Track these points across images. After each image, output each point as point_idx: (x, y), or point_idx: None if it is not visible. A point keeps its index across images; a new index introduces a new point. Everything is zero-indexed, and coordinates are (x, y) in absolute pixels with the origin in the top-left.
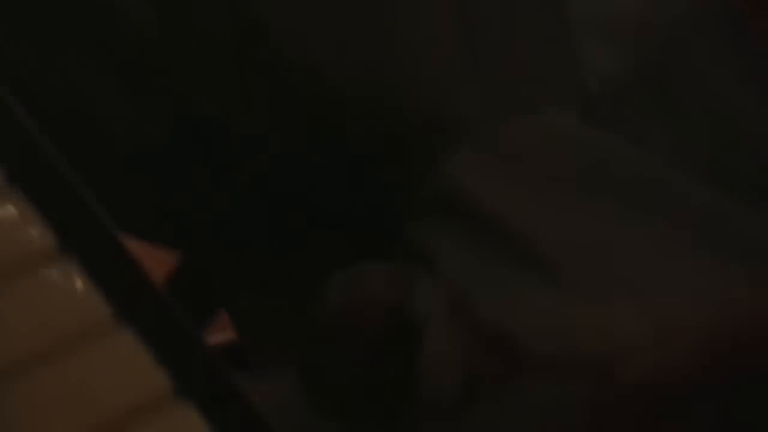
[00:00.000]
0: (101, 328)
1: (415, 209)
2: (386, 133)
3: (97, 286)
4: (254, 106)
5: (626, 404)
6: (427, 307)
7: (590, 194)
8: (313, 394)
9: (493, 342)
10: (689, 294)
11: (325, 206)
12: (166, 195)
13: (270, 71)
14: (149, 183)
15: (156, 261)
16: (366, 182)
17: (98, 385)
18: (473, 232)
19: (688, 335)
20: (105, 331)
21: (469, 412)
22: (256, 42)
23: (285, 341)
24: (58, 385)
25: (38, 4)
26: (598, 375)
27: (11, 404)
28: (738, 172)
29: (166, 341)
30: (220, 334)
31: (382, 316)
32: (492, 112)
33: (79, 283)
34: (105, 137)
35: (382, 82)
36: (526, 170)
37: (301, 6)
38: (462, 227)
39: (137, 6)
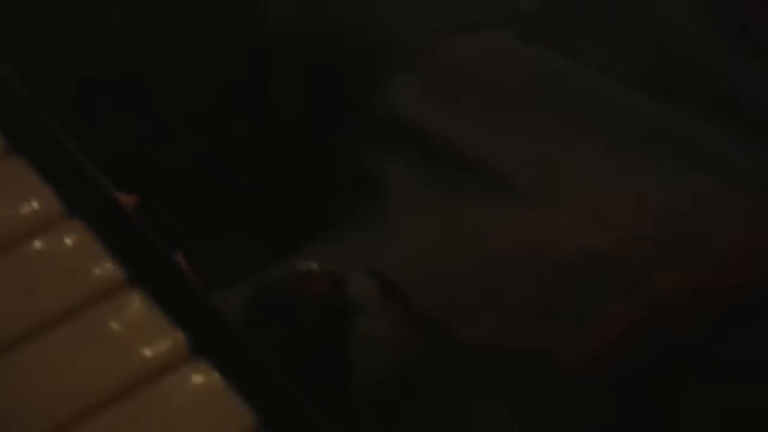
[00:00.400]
0: (113, 290)
1: (361, 136)
2: (327, 60)
3: (106, 248)
4: (199, 42)
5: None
6: (360, 299)
7: (532, 110)
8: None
9: (427, 326)
10: (634, 196)
11: (275, 138)
12: (135, 135)
13: (213, 6)
14: (118, 120)
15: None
16: (312, 112)
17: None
18: (419, 154)
19: (644, 240)
20: (117, 293)
21: (404, 397)
22: None
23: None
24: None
25: None
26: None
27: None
28: (673, 83)
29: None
30: None
31: (316, 310)
32: (430, 36)
33: (90, 247)
34: (54, 78)
35: (322, 10)
36: (467, 90)
37: None
38: (408, 150)
39: None
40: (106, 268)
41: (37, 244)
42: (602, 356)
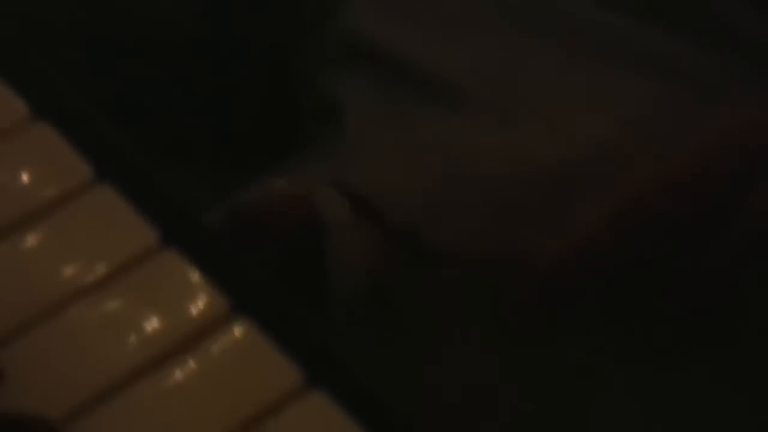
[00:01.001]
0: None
1: (322, 60)
2: None
3: (141, 212)
4: None
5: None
6: (331, 216)
7: (492, 24)
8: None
9: (399, 237)
10: (588, 105)
11: (237, 69)
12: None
13: None
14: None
15: None
16: (272, 40)
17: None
18: (378, 73)
19: (606, 146)
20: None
21: (380, 307)
22: None
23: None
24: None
25: None
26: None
27: None
28: None
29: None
30: None
31: (287, 229)
32: None
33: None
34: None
35: None
36: (425, 7)
37: None
38: (366, 69)
39: None
40: (139, 231)
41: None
42: (571, 259)
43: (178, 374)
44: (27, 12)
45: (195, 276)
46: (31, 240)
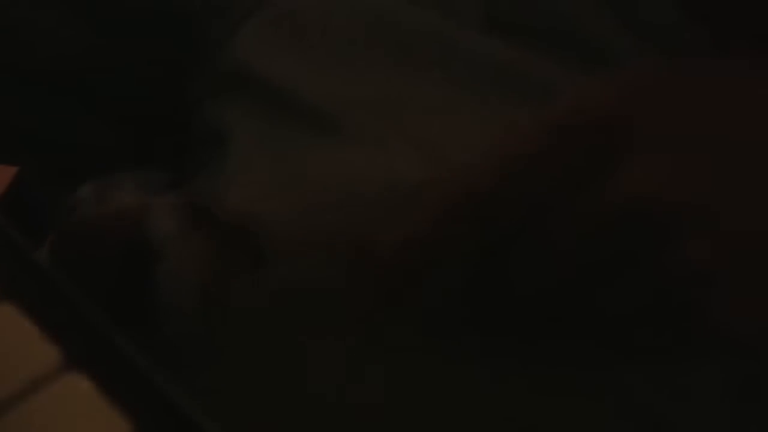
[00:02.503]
0: None
1: (208, 89)
2: (174, 13)
3: None
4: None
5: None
6: (163, 228)
7: (369, 54)
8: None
9: (237, 238)
10: (465, 130)
11: (129, 98)
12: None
13: None
14: None
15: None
16: (158, 66)
17: None
18: (258, 103)
19: (464, 171)
20: None
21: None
22: None
23: None
24: None
25: None
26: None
27: None
28: (514, 21)
29: None
30: None
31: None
32: None
33: None
34: None
35: None
36: (305, 37)
37: None
38: (249, 99)
39: None
40: None
41: None
42: (410, 245)
43: None
44: None
45: None
46: None
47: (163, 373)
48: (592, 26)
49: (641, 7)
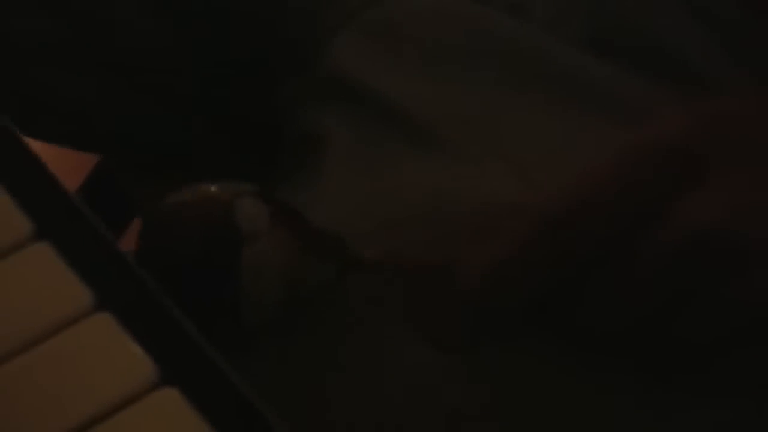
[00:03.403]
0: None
1: (306, 92)
2: (271, 20)
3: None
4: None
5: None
6: (247, 224)
7: (469, 64)
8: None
9: (323, 246)
10: (561, 152)
11: (223, 96)
12: (79, 96)
13: None
14: (62, 82)
15: (72, 165)
16: (249, 68)
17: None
18: (357, 111)
19: (558, 191)
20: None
21: (294, 325)
22: None
23: None
24: None
25: None
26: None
27: None
28: (613, 40)
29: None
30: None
31: (202, 236)
32: None
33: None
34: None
35: None
36: (406, 47)
37: None
38: (347, 107)
39: None
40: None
41: None
42: (498, 272)
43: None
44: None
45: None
46: None
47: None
48: (687, 47)
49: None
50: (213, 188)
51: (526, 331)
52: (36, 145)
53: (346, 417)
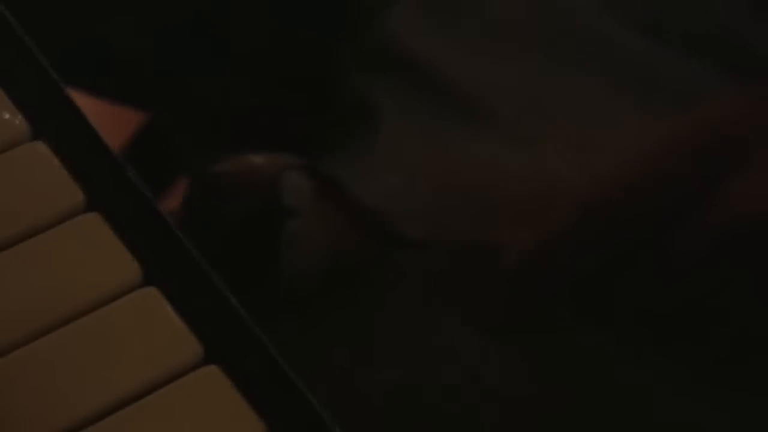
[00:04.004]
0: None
1: (358, 62)
2: None
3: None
4: None
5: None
6: (291, 198)
7: (525, 43)
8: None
9: (367, 222)
10: (617, 135)
11: (276, 62)
12: (128, 51)
13: None
14: (111, 36)
15: (119, 120)
16: (308, 31)
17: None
18: (412, 84)
19: (614, 174)
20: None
21: (333, 294)
22: None
23: None
24: None
25: None
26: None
27: None
28: (670, 22)
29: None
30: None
31: (246, 203)
32: None
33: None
34: None
35: None
36: (463, 22)
37: None
38: (402, 79)
39: None
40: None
41: None
42: (543, 252)
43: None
44: None
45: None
46: None
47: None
48: (743, 32)
49: None
50: (259, 160)
51: (567, 314)
52: (82, 102)
53: (383, 385)
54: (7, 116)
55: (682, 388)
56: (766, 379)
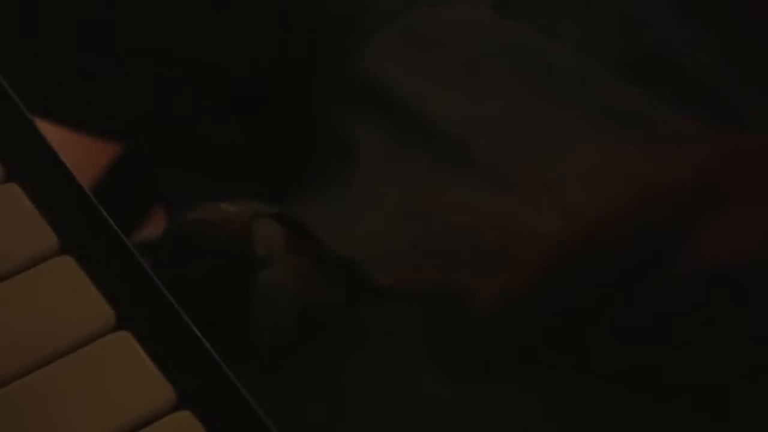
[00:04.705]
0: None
1: (336, 99)
2: (305, 21)
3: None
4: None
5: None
6: (263, 247)
7: (503, 81)
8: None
9: (337, 270)
10: (593, 178)
11: (250, 89)
12: (120, 83)
13: None
14: (105, 68)
15: (94, 152)
16: (287, 68)
17: None
18: (389, 120)
19: (589, 219)
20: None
21: (306, 344)
22: None
23: None
24: None
25: None
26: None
27: None
28: (644, 67)
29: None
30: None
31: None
32: (407, 3)
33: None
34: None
35: None
36: (439, 58)
37: None
38: (379, 115)
39: None
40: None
41: None
42: (515, 299)
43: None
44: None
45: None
46: None
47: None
48: (720, 77)
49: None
50: (231, 208)
51: (544, 363)
52: (57, 134)
53: None
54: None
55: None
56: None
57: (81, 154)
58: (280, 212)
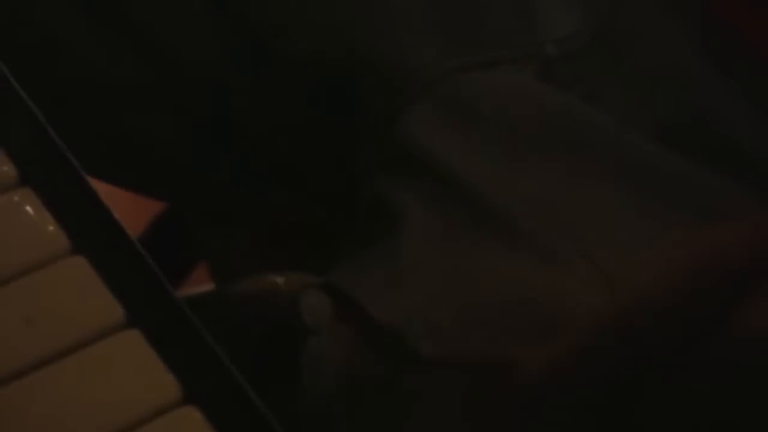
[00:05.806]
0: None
1: (378, 165)
2: (348, 87)
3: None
4: (227, 56)
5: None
6: (311, 318)
7: (548, 151)
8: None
9: (384, 340)
10: (637, 250)
11: (294, 160)
12: (143, 139)
13: (239, 26)
14: (128, 125)
15: (137, 209)
16: (330, 136)
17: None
18: (434, 189)
19: (634, 292)
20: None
21: (352, 415)
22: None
23: None
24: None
25: None
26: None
27: None
28: (689, 133)
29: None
30: (200, 285)
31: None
32: (450, 69)
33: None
34: (81, 83)
35: (343, 38)
36: (483, 127)
37: None
38: (423, 183)
39: None
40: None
41: None
42: (562, 370)
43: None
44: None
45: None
46: None
47: None
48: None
49: None
50: (279, 280)
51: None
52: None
53: None
54: (50, 228)
55: None
56: None
57: (126, 209)
58: (327, 283)
